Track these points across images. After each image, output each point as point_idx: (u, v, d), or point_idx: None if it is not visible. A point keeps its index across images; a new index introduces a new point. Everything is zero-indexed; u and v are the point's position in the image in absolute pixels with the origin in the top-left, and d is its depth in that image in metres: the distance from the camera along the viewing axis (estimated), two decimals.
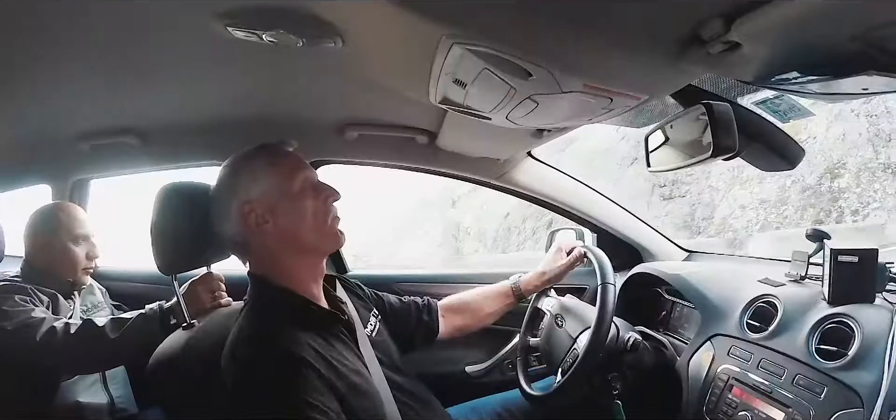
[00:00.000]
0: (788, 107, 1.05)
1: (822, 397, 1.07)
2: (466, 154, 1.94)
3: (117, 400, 1.74)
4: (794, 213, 7.61)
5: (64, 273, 1.69)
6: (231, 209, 1.10)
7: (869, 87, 0.78)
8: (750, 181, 8.30)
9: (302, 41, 1.03)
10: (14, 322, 1.45)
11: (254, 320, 1.07)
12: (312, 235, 1.12)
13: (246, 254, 1.16)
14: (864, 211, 7.13)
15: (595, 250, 1.50)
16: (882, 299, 1.19)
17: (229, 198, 1.11)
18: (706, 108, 1.02)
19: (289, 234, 1.10)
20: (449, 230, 11.87)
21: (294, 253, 1.12)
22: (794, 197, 7.94)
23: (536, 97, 1.05)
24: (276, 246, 1.10)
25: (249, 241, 1.12)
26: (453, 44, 0.89)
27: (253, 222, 1.08)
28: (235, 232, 1.11)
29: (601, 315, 1.32)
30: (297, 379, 0.95)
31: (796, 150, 1.16)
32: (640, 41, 0.85)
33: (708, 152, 1.04)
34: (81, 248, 1.72)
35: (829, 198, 7.64)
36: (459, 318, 1.60)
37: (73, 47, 1.14)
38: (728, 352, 1.34)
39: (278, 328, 1.02)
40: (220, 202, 1.14)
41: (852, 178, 7.54)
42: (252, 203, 1.09)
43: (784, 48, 0.76)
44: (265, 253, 1.12)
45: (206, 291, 1.45)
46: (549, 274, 1.64)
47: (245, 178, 1.11)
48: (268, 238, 1.10)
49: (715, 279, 1.60)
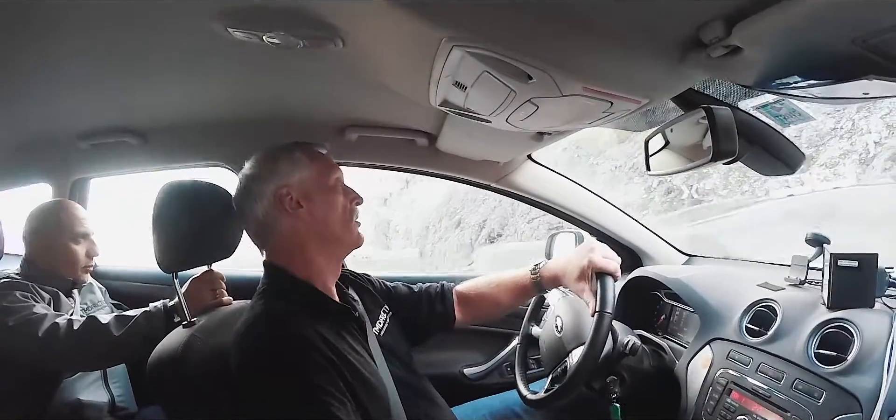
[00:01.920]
0: (789, 111, 1.05)
1: (820, 402, 1.07)
2: (466, 156, 1.94)
3: (118, 398, 1.74)
4: (653, 217, 7.59)
5: (65, 271, 1.70)
6: (266, 190, 1.14)
7: (869, 91, 0.78)
8: (618, 183, 8.35)
9: (303, 43, 1.04)
10: (16, 318, 1.45)
11: (267, 304, 1.10)
12: (339, 229, 1.18)
13: (268, 238, 1.17)
14: (729, 213, 7.10)
15: (604, 278, 1.34)
16: (881, 304, 1.19)
17: (265, 180, 1.15)
18: (706, 112, 1.02)
19: (319, 223, 1.15)
20: (380, 228, 12.06)
21: (319, 243, 1.16)
22: (657, 199, 7.96)
23: (536, 100, 1.05)
24: (305, 232, 1.15)
25: (277, 225, 1.15)
26: (454, 46, 0.89)
27: (288, 205, 1.13)
28: (266, 213, 1.15)
29: (592, 342, 1.28)
30: (306, 362, 0.97)
31: (797, 154, 1.16)
32: (641, 44, 0.85)
33: (708, 156, 1.04)
34: (82, 246, 1.72)
35: (691, 201, 7.65)
36: (476, 309, 1.54)
37: (74, 47, 1.14)
38: (727, 356, 1.34)
39: (291, 314, 1.05)
40: (252, 183, 1.17)
41: (720, 180, 7.53)
42: (289, 187, 1.14)
43: (785, 52, 0.76)
44: (291, 239, 1.15)
45: (206, 290, 1.45)
46: (564, 286, 1.47)
47: (284, 163, 1.17)
48: (299, 222, 1.14)
49: (714, 283, 1.60)
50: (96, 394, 1.70)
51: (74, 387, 1.64)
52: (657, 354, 1.50)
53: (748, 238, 6.05)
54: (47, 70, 1.26)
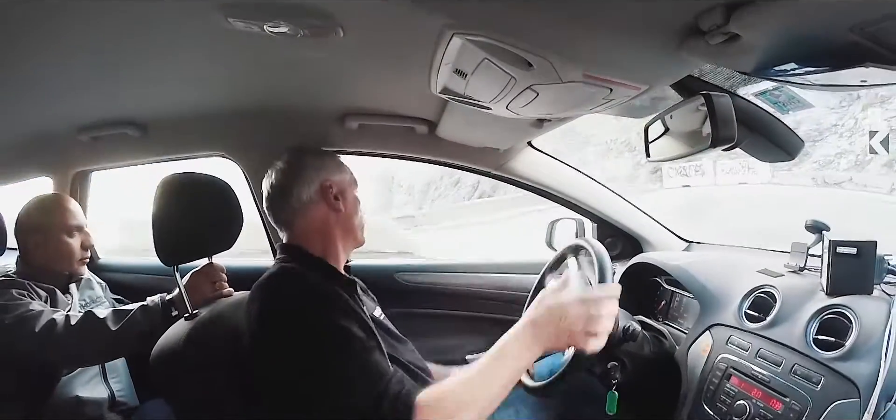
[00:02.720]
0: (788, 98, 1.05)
1: (819, 387, 1.08)
2: (467, 144, 1.94)
3: (118, 393, 1.74)
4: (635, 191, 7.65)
5: (60, 266, 1.69)
6: (315, 178, 1.28)
7: (867, 78, 0.78)
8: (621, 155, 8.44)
9: (303, 32, 1.04)
10: (12, 315, 1.44)
11: (284, 263, 1.22)
12: (357, 226, 1.34)
13: (299, 220, 1.28)
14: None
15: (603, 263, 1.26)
16: (880, 291, 1.19)
17: (317, 169, 1.30)
18: (705, 98, 1.02)
19: (347, 219, 1.31)
20: (384, 182, 12.12)
21: (342, 234, 1.30)
22: (642, 174, 8.02)
23: (537, 87, 1.05)
24: (334, 223, 1.29)
25: (314, 210, 1.28)
26: (454, 34, 0.90)
27: (331, 197, 1.28)
28: (310, 197, 1.27)
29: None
30: (326, 303, 1.08)
31: (796, 141, 1.16)
32: (640, 31, 0.85)
33: (707, 143, 1.04)
34: (75, 239, 1.71)
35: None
36: None
37: (74, 40, 1.14)
38: (727, 341, 1.34)
39: (308, 271, 1.18)
40: (304, 169, 1.29)
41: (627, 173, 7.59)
42: (333, 182, 1.30)
43: (783, 40, 0.76)
44: (322, 225, 1.28)
45: (207, 282, 1.46)
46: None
47: (329, 163, 1.34)
48: (332, 214, 1.29)
49: (714, 269, 1.61)
50: (95, 390, 1.69)
51: (73, 384, 1.63)
52: (657, 340, 1.50)
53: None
54: (46, 63, 1.25)
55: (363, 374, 0.99)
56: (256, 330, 1.10)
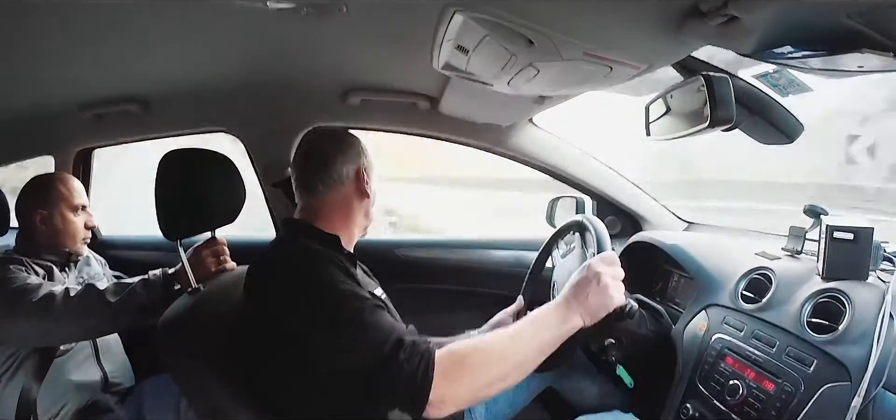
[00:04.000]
0: (788, 81, 1.05)
1: (811, 370, 1.09)
2: (468, 120, 1.94)
3: (111, 374, 1.74)
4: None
5: (63, 243, 1.68)
6: (356, 161, 1.30)
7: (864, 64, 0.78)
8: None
9: (306, 8, 1.03)
10: (9, 288, 1.44)
11: (290, 232, 1.26)
12: (371, 212, 1.36)
13: (329, 193, 1.27)
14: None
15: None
16: (875, 277, 1.19)
17: (358, 153, 1.31)
18: (705, 79, 1.02)
19: (367, 204, 1.33)
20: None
21: (357, 217, 1.31)
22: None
23: (537, 64, 1.05)
24: (357, 206, 1.31)
25: (344, 190, 1.28)
26: (455, 11, 0.90)
27: (363, 183, 1.29)
28: (347, 176, 1.28)
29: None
30: (331, 269, 1.09)
31: (794, 124, 1.16)
32: (640, 11, 0.85)
33: (706, 123, 1.04)
34: (80, 217, 1.71)
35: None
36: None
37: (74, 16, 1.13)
38: (722, 322, 1.36)
39: (314, 243, 1.18)
40: (350, 150, 1.30)
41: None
42: (365, 168, 1.31)
43: (782, 23, 0.76)
44: (344, 205, 1.29)
45: (210, 256, 1.45)
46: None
47: (365, 150, 1.34)
48: (357, 198, 1.30)
49: (712, 250, 1.61)
50: (88, 372, 1.69)
51: (65, 366, 1.63)
52: (655, 318, 1.51)
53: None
54: (47, 41, 1.25)
55: (377, 326, 1.01)
56: (271, 289, 1.11)
